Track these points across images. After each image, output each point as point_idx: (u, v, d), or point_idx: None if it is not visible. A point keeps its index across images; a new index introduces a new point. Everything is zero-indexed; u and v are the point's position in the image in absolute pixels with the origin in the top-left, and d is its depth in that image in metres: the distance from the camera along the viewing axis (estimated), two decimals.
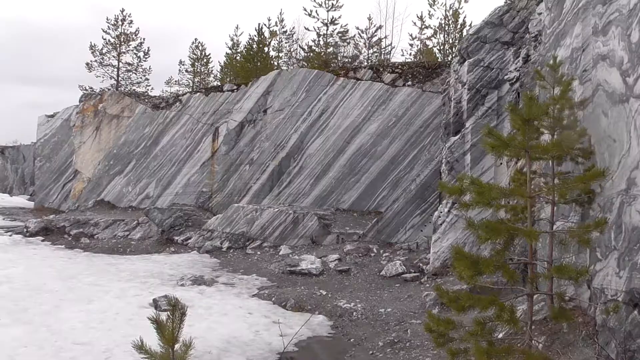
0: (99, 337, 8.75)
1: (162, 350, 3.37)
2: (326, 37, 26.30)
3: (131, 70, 30.20)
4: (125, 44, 29.73)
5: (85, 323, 9.51)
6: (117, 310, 10.45)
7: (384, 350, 8.83)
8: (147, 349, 3.36)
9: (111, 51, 29.59)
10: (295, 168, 20.44)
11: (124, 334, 8.59)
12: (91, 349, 8.25)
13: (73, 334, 8.92)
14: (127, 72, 30.19)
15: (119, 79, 29.81)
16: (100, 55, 29.53)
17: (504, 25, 14.22)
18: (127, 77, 30.23)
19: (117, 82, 29.65)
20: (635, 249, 6.13)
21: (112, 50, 29.59)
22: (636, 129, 6.34)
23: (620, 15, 6.98)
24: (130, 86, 29.97)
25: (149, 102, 25.32)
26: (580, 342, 6.95)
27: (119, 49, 29.64)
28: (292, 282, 13.85)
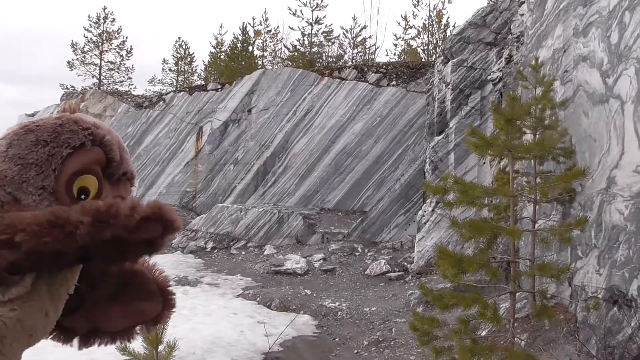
0: None
1: (145, 351, 3.34)
2: (311, 37, 26.28)
3: (114, 68, 29.81)
4: (107, 42, 29.35)
5: None
6: None
7: (368, 349, 8.86)
8: (130, 351, 3.33)
9: (93, 49, 29.18)
10: (280, 168, 20.40)
11: None
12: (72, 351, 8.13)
13: None
14: (109, 70, 29.80)
15: (101, 78, 29.42)
16: (82, 53, 29.10)
17: (487, 26, 14.36)
18: (110, 76, 29.85)
19: (99, 80, 29.25)
20: (615, 247, 6.24)
21: (94, 49, 29.17)
22: (616, 129, 6.46)
23: (600, 17, 7.09)
24: (113, 85, 29.60)
25: (132, 101, 25.05)
26: (561, 339, 7.06)
27: (101, 47, 29.25)
28: (277, 281, 13.83)
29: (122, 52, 29.72)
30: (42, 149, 0.80)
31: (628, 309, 5.84)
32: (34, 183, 0.78)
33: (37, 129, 0.82)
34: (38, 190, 0.78)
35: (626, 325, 5.85)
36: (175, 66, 31.84)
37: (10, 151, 0.79)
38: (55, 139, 0.81)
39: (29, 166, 0.79)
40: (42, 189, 0.78)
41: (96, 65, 29.34)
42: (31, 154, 0.79)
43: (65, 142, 0.81)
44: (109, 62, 29.66)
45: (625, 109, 6.23)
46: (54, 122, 0.83)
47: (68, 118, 0.85)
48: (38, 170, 0.79)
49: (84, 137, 0.83)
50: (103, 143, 0.85)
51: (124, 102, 24.77)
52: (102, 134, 0.85)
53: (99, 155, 0.84)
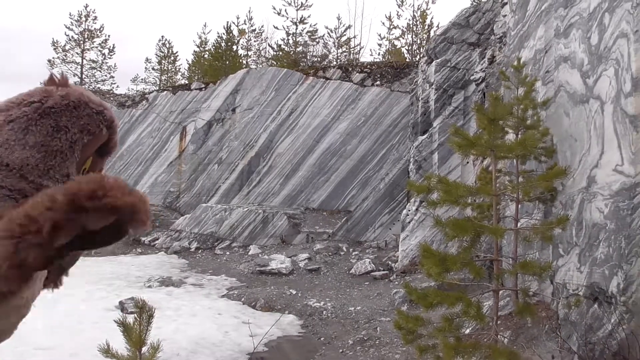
0: (64, 342, 8.50)
1: (129, 353, 3.30)
2: (295, 36, 26.25)
3: (96, 67, 29.46)
4: (89, 40, 28.98)
5: (49, 327, 9.24)
6: (82, 313, 10.19)
7: (354, 349, 8.88)
8: (113, 353, 3.29)
9: (74, 48, 28.80)
10: (265, 167, 20.34)
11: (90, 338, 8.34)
12: (55, 354, 8.02)
13: (36, 338, 8.64)
14: (91, 69, 29.44)
15: (83, 77, 29.04)
16: (63, 51, 28.71)
17: (470, 26, 14.49)
18: (92, 75, 29.49)
19: (80, 79, 28.86)
20: (595, 245, 6.34)
21: (75, 47, 28.79)
22: (596, 128, 6.56)
23: (580, 19, 7.20)
24: (95, 84, 29.23)
25: (115, 100, 24.77)
26: (543, 336, 7.15)
27: (83, 45, 28.87)
28: (261, 282, 13.79)
29: (104, 50, 29.38)
30: (64, 136, 0.79)
31: (608, 306, 5.94)
32: (60, 170, 0.78)
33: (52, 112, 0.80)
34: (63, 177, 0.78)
35: (606, 322, 5.95)
36: (158, 65, 31.58)
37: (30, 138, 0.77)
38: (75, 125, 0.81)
39: (54, 153, 0.78)
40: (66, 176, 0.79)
41: (78, 63, 28.96)
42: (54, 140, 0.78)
43: (85, 129, 0.82)
44: (91, 60, 29.31)
45: (605, 109, 6.33)
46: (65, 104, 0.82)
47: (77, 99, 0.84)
48: (63, 157, 0.78)
49: (100, 122, 0.84)
50: (112, 127, 0.87)
51: (106, 102, 24.46)
52: (111, 118, 0.87)
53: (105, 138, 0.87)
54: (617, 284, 5.75)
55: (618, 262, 5.78)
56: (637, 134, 5.63)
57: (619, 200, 5.86)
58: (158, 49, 31.25)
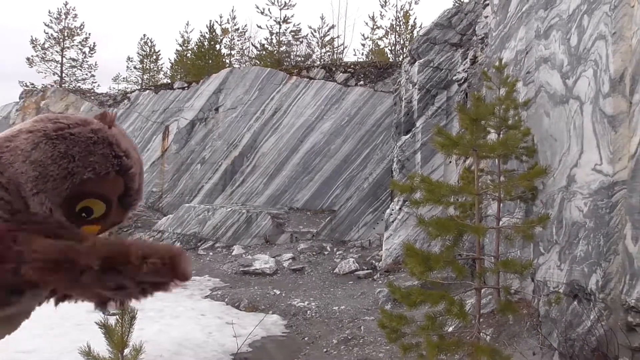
0: (46, 344, 8.37)
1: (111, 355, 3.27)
2: (279, 36, 26.19)
3: (76, 66, 29.00)
4: (69, 38, 28.52)
5: (29, 330, 9.07)
6: (64, 315, 10.03)
7: (338, 348, 8.89)
8: (95, 355, 3.25)
9: (54, 46, 28.31)
10: (249, 167, 20.26)
11: (72, 340, 8.21)
12: (37, 357, 7.88)
13: (16, 341, 8.48)
14: (71, 68, 28.98)
15: (63, 75, 28.60)
16: (42, 50, 28.21)
17: (452, 27, 14.61)
18: (72, 73, 29.02)
19: (60, 78, 28.41)
20: (575, 243, 6.44)
21: (55, 45, 28.31)
22: (575, 128, 6.67)
23: (560, 20, 7.30)
24: (75, 83, 28.79)
25: (96, 99, 24.44)
26: (525, 333, 7.25)
27: (63, 43, 28.41)
28: (245, 282, 13.73)
29: (84, 48, 28.96)
30: (66, 164, 0.76)
31: (587, 303, 6.04)
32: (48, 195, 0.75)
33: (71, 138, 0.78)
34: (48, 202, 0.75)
35: (585, 319, 6.06)
36: (140, 64, 31.23)
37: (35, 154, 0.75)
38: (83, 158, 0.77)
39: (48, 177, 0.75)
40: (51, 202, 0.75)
41: (57, 62, 28.50)
42: (53, 165, 0.75)
43: (91, 166, 0.78)
44: (71, 59, 28.86)
45: (584, 109, 6.43)
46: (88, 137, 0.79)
47: (104, 137, 0.81)
48: (55, 185, 0.75)
49: (111, 166, 0.80)
50: (128, 175, 0.83)
51: (87, 101, 24.14)
52: (129, 166, 0.83)
53: (119, 185, 0.82)
54: (596, 281, 5.85)
55: (597, 259, 5.88)
56: (616, 134, 5.73)
57: (598, 199, 5.97)
58: (140, 47, 30.91)
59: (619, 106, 5.74)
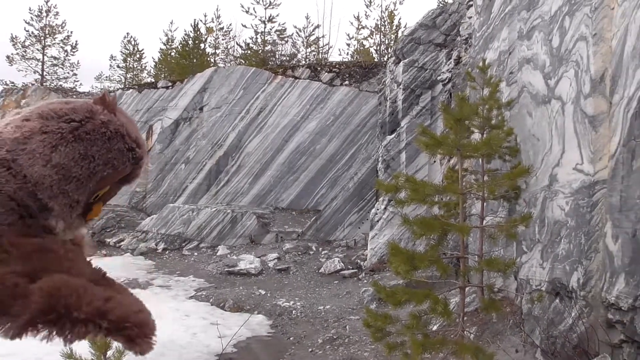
0: (26, 347, 8.22)
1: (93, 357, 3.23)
2: (264, 35, 26.10)
3: (57, 64, 28.59)
4: (50, 36, 28.10)
5: None
6: None
7: (323, 347, 8.90)
8: (77, 358, 3.20)
9: (35, 44, 27.88)
10: (234, 167, 20.17)
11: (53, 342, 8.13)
12: None
13: None
14: (53, 66, 28.57)
15: (44, 74, 28.17)
16: (23, 48, 27.76)
17: (437, 27, 14.70)
18: (53, 72, 28.62)
19: (41, 76, 27.98)
20: (557, 242, 6.52)
21: (35, 43, 27.88)
22: (557, 128, 6.75)
23: (542, 22, 7.39)
24: (57, 81, 28.40)
25: (78, 98, 24.10)
26: (508, 331, 7.32)
27: (44, 41, 27.98)
28: (230, 282, 13.67)
29: (66, 47, 28.56)
30: (87, 164, 0.79)
31: (569, 300, 6.13)
32: (72, 196, 0.78)
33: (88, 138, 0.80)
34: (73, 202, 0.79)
35: (567, 316, 6.14)
36: (123, 63, 30.91)
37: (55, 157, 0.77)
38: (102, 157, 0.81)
39: (71, 179, 0.78)
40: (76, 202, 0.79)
41: (38, 60, 28.08)
42: (76, 167, 0.78)
43: (110, 162, 0.82)
44: (53, 57, 28.45)
45: (565, 109, 6.52)
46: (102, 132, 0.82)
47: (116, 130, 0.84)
48: (79, 185, 0.78)
49: (127, 159, 0.85)
50: (139, 164, 0.88)
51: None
52: (141, 156, 0.88)
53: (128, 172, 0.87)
54: (577, 279, 5.93)
55: (578, 257, 5.96)
56: (596, 133, 5.82)
57: (579, 198, 6.05)
58: (123, 46, 30.59)
59: (599, 106, 5.83)
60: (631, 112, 5.20)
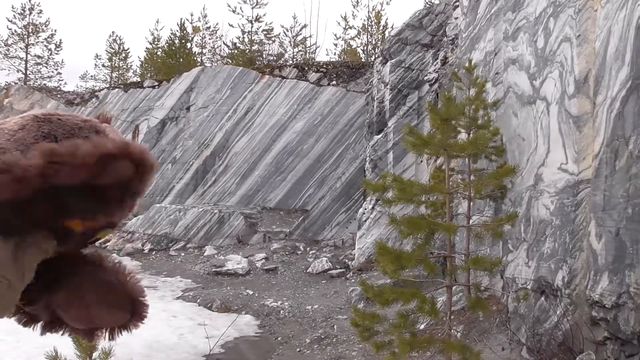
0: (9, 350, 8.13)
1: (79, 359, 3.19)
2: (251, 35, 26.04)
3: (41, 63, 28.24)
4: (34, 35, 27.74)
5: None
6: None
7: (311, 347, 8.90)
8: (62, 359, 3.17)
9: (18, 42, 27.50)
10: (221, 167, 20.09)
11: (37, 345, 8.01)
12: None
13: None
14: (36, 65, 28.21)
15: (28, 73, 27.80)
16: (5, 46, 27.38)
17: (423, 27, 14.78)
18: (37, 71, 28.26)
19: (25, 75, 27.60)
20: (542, 240, 6.60)
21: (19, 42, 27.50)
22: (542, 128, 6.82)
23: (527, 23, 7.47)
24: (41, 80, 28.03)
25: (62, 97, 23.84)
26: (494, 329, 7.39)
27: (27, 40, 27.62)
28: (218, 282, 13.61)
29: (50, 45, 28.23)
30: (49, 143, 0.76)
31: (554, 299, 6.20)
32: None
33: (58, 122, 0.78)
34: None
35: (552, 314, 6.21)
36: (109, 62, 30.64)
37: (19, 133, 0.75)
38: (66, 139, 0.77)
39: None
40: None
41: (21, 59, 27.71)
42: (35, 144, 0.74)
43: None
44: (36, 56, 28.10)
45: (550, 110, 6.59)
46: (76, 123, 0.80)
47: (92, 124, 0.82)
48: None
49: None
50: None
51: (53, 99, 23.54)
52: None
53: None
54: (562, 277, 6.01)
55: (563, 256, 6.04)
56: (580, 133, 5.89)
57: (564, 197, 6.12)
58: (108, 45, 30.32)
59: (583, 107, 5.91)
60: (614, 113, 5.27)
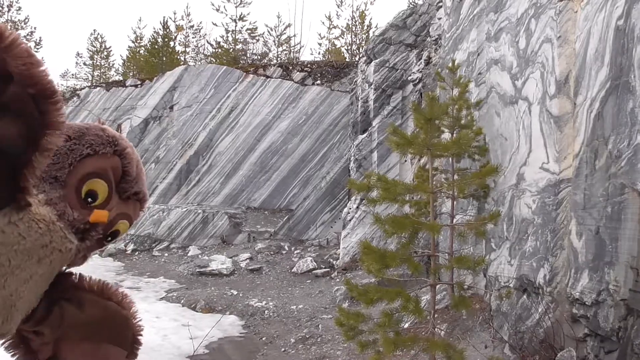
0: None
1: None
2: (235, 34, 25.91)
3: None
4: None
5: None
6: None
7: (296, 347, 8.89)
8: None
9: None
10: (205, 166, 19.95)
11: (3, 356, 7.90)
12: None
13: None
14: None
15: None
16: None
17: (407, 28, 14.85)
18: None
19: None
20: (524, 239, 6.68)
21: None
22: (524, 128, 6.91)
23: (509, 24, 7.55)
24: None
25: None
26: (477, 327, 7.46)
27: None
28: (202, 283, 13.53)
29: (29, 43, 27.72)
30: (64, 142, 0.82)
31: (536, 296, 6.28)
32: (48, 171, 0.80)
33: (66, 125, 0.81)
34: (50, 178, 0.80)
35: (534, 312, 6.29)
36: (90, 60, 30.25)
37: None
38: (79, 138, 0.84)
39: None
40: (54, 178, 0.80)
41: None
42: None
43: (88, 143, 0.85)
44: None
45: (532, 110, 6.68)
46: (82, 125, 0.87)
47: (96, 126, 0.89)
48: (55, 159, 0.80)
49: (107, 143, 0.87)
50: (123, 154, 0.89)
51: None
52: (125, 146, 0.90)
53: (117, 165, 0.88)
54: (544, 276, 6.09)
55: (544, 254, 6.12)
56: (561, 133, 5.97)
57: (545, 196, 6.20)
58: (90, 43, 29.92)
59: (564, 107, 5.99)
60: (594, 113, 5.36)
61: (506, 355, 6.40)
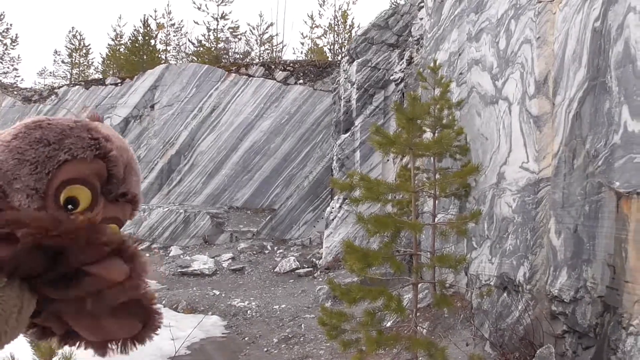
0: None
1: None
2: (217, 32, 25.73)
3: None
4: None
5: None
6: None
7: (278, 347, 8.87)
8: None
9: None
10: (186, 166, 19.78)
11: None
12: None
13: None
14: None
15: None
16: None
17: (389, 27, 14.91)
18: None
19: None
20: (505, 237, 6.76)
21: None
22: (504, 128, 6.99)
23: (490, 24, 7.62)
24: None
25: (19, 94, 23.01)
26: (459, 325, 7.53)
27: None
28: (183, 283, 13.42)
29: (5, 40, 27.21)
30: (42, 148, 0.77)
31: (516, 294, 6.36)
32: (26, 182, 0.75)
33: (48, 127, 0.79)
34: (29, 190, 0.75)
35: (514, 309, 6.37)
36: (69, 58, 29.75)
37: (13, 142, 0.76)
38: (59, 142, 0.78)
39: (25, 163, 0.76)
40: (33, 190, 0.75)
41: None
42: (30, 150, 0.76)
43: (67, 147, 0.79)
44: None
45: (512, 109, 6.76)
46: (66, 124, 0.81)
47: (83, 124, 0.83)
48: (32, 169, 0.75)
49: (88, 146, 0.80)
50: (107, 157, 0.82)
51: (9, 96, 22.69)
52: (109, 148, 0.83)
53: (100, 169, 0.81)
54: (524, 273, 6.17)
55: (524, 253, 6.20)
56: (540, 133, 6.06)
57: (525, 195, 6.29)
58: (68, 40, 29.41)
59: (543, 107, 6.07)
60: (572, 113, 5.44)
61: (487, 352, 6.47)
